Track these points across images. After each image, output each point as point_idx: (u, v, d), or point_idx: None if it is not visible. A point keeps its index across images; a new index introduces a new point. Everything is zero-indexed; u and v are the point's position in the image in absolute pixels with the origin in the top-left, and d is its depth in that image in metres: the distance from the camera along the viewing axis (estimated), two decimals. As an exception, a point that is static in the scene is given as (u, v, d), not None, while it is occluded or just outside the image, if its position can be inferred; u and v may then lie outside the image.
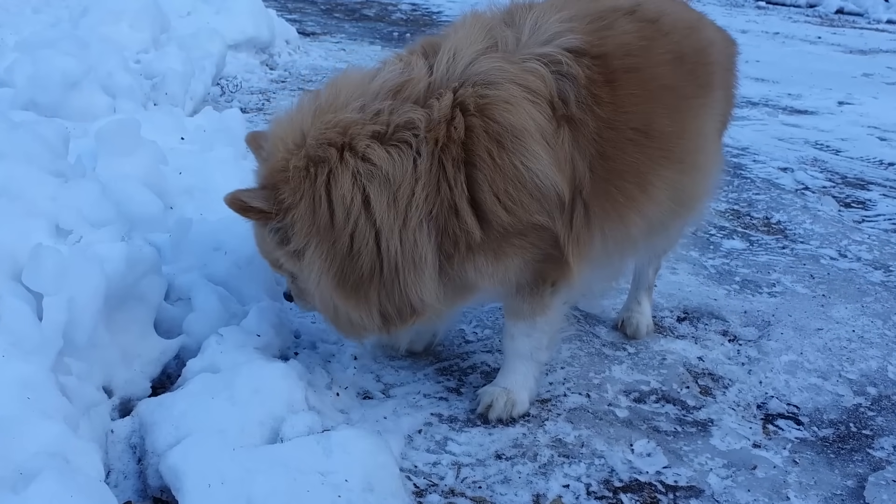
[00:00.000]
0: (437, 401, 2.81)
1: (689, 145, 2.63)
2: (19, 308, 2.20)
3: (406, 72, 2.35)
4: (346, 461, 2.18)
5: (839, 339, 3.37)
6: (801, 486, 2.52)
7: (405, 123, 2.26)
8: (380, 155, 2.24)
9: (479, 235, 2.31)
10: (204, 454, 2.13)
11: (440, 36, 2.53)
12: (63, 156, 2.98)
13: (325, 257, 2.29)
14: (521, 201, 2.29)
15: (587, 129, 2.37)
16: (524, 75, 2.31)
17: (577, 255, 2.44)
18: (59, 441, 1.98)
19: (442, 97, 2.27)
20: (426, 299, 2.36)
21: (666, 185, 2.56)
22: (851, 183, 5.48)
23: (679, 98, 2.59)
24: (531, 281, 2.54)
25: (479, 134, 2.25)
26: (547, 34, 2.41)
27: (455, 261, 2.35)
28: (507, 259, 2.40)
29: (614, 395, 2.91)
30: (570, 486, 2.46)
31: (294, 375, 2.47)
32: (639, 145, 2.47)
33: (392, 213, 2.25)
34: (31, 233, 2.49)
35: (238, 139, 4.29)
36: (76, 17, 5.99)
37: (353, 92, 2.33)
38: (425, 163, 2.24)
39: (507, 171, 2.27)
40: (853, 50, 10.84)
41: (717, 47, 2.84)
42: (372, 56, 8.39)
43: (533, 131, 2.27)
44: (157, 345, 2.64)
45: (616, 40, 2.47)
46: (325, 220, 2.26)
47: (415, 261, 2.30)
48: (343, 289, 2.34)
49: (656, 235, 2.81)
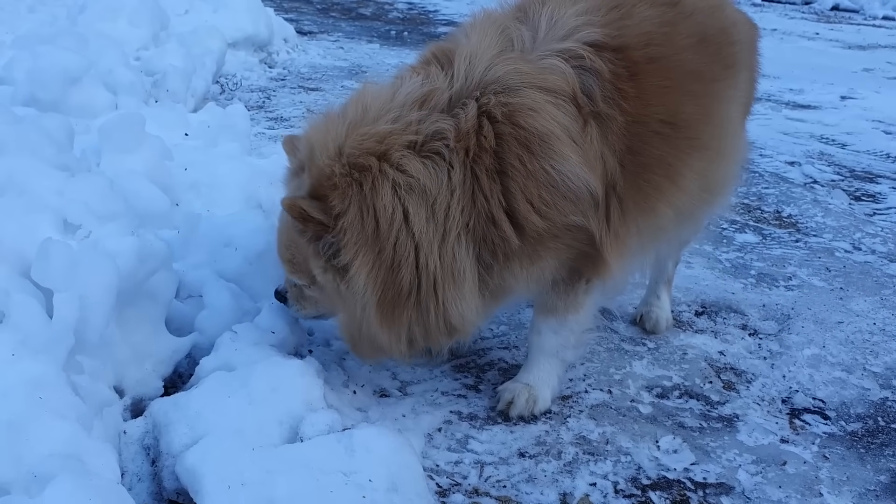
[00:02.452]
0: (455, 398, 2.73)
1: (716, 131, 2.57)
2: (29, 305, 2.12)
3: (427, 83, 2.29)
4: (370, 460, 2.11)
5: (861, 332, 3.31)
6: (834, 481, 2.45)
7: (435, 133, 2.21)
8: (416, 167, 2.19)
9: (516, 243, 2.26)
10: (222, 455, 2.05)
11: (451, 41, 2.46)
12: (68, 149, 2.89)
13: (370, 269, 2.21)
14: (555, 204, 2.25)
15: (615, 125, 2.32)
16: (543, 76, 2.25)
17: (616, 251, 2.39)
18: (74, 442, 1.90)
19: (466, 106, 2.22)
20: (466, 315, 2.30)
21: (694, 173, 2.50)
22: (860, 176, 5.43)
23: (704, 82, 2.53)
24: (567, 278, 2.49)
25: (510, 141, 2.21)
26: (565, 29, 2.35)
27: (495, 271, 2.31)
28: (543, 262, 2.36)
29: (636, 390, 2.84)
30: (596, 484, 2.39)
31: (312, 373, 2.40)
32: (665, 137, 2.41)
33: (431, 228, 2.20)
34: (38, 228, 2.41)
35: (242, 135, 4.23)
36: (74, 14, 5.89)
37: (383, 105, 2.27)
38: (458, 174, 2.20)
39: (538, 176, 2.22)
40: (852, 45, 10.80)
41: (740, 27, 2.78)
42: (370, 54, 8.32)
43: (559, 134, 2.22)
44: (169, 343, 2.56)
45: (635, 30, 2.41)
46: (371, 228, 2.19)
47: (454, 276, 2.25)
48: (382, 306, 2.26)
49: (685, 223, 2.76)
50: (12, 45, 5.07)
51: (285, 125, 5.72)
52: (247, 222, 3.07)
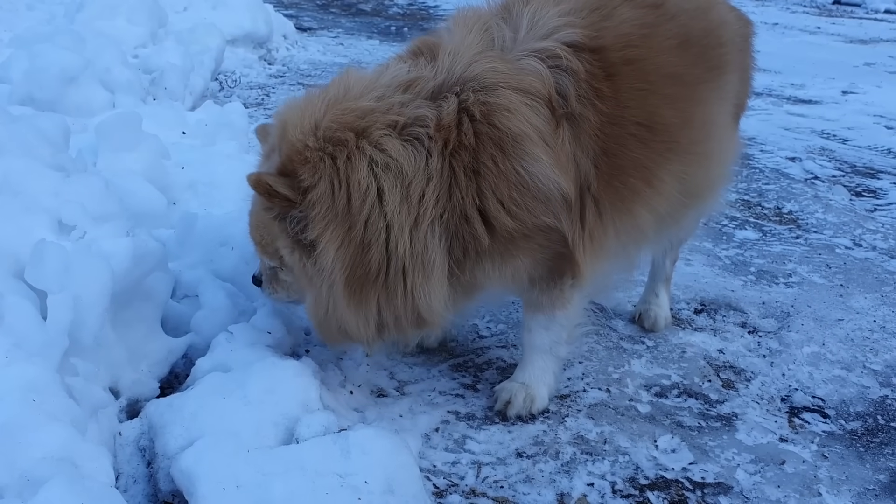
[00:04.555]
0: (453, 398, 2.72)
1: (696, 135, 2.55)
2: (22, 307, 2.12)
3: (413, 70, 2.30)
4: (366, 462, 2.10)
5: (861, 329, 3.30)
6: (833, 481, 2.44)
7: (417, 119, 2.21)
8: (395, 147, 2.18)
9: (486, 242, 2.26)
10: (218, 457, 2.04)
11: (436, 35, 2.47)
12: (64, 149, 2.89)
13: (339, 245, 2.18)
14: (526, 205, 2.25)
15: (589, 126, 2.31)
16: (519, 77, 2.25)
17: (591, 251, 2.39)
18: (67, 445, 1.89)
19: (448, 100, 2.23)
20: (434, 305, 2.29)
21: (673, 177, 2.49)
22: (861, 172, 5.41)
23: (684, 86, 2.51)
24: (546, 276, 2.48)
25: (486, 141, 2.21)
26: (545, 28, 2.35)
27: (466, 267, 2.31)
28: (516, 261, 2.36)
29: (635, 389, 2.83)
30: (594, 484, 2.38)
31: (308, 373, 2.39)
32: (642, 140, 2.40)
33: (404, 210, 2.19)
34: (32, 229, 2.40)
35: (240, 133, 4.22)
36: (72, 12, 5.88)
37: (366, 86, 2.27)
38: (436, 163, 2.20)
39: (509, 176, 2.22)
40: (853, 40, 10.77)
41: (729, 27, 2.76)
42: (370, 50, 8.30)
43: (532, 135, 2.22)
44: (164, 344, 2.55)
45: (614, 31, 2.40)
46: (342, 203, 2.17)
47: (424, 263, 2.24)
48: (350, 285, 2.24)
49: (667, 227, 2.74)
50: (10, 43, 5.06)
51: (284, 122, 5.70)
52: (243, 222, 3.04)
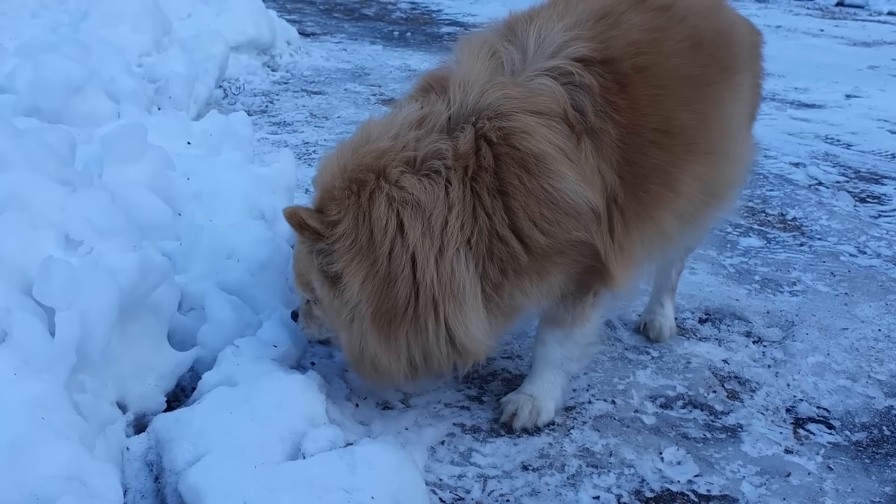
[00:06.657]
0: (458, 410, 2.73)
1: (714, 135, 2.56)
2: (30, 323, 2.13)
3: (426, 106, 2.35)
4: (372, 477, 2.10)
5: (866, 338, 3.30)
6: (838, 493, 2.44)
7: (434, 153, 2.26)
8: (411, 182, 2.24)
9: (525, 259, 2.28)
10: (225, 472, 2.05)
11: (444, 68, 2.49)
12: (70, 163, 2.90)
13: (363, 279, 2.25)
14: (557, 221, 2.27)
15: (609, 138, 2.32)
16: (532, 99, 2.27)
17: (622, 263, 2.40)
18: (76, 463, 1.90)
19: (465, 130, 2.27)
20: (472, 332, 2.30)
21: (695, 178, 2.50)
22: (865, 177, 5.41)
23: (699, 86, 2.51)
24: (575, 291, 2.50)
25: (507, 161, 2.24)
26: (553, 46, 2.35)
27: (505, 289, 2.33)
28: (551, 277, 2.38)
29: (640, 401, 2.83)
30: (600, 497, 2.38)
31: (314, 387, 2.39)
32: (661, 145, 2.41)
33: (427, 241, 2.23)
34: (39, 244, 2.41)
35: (245, 143, 4.22)
36: (76, 20, 5.89)
37: (383, 128, 2.35)
38: (457, 191, 2.23)
39: (538, 194, 2.24)
40: (857, 42, 10.75)
41: (739, 29, 2.77)
42: (374, 56, 8.31)
43: (554, 153, 2.24)
44: (171, 357, 2.56)
45: (623, 40, 2.40)
46: (366, 237, 2.24)
47: (453, 290, 2.26)
48: (377, 321, 2.28)
49: (691, 229, 2.76)
50: (15, 52, 5.07)
51: (288, 129, 5.72)
52: (248, 233, 3.07)
